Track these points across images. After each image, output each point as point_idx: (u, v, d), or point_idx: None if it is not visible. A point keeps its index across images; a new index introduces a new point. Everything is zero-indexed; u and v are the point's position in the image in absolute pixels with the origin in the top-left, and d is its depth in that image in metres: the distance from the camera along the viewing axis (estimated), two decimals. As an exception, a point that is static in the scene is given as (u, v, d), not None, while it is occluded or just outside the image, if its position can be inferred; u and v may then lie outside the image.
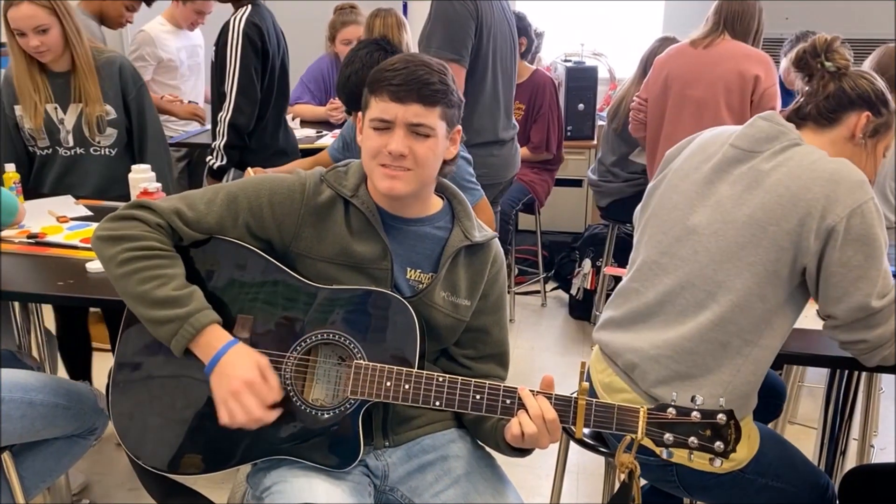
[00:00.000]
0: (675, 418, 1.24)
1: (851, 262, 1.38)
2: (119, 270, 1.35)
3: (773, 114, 1.53)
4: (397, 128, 1.33)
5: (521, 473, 2.56)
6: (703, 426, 1.23)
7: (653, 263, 1.58)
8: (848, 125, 1.50)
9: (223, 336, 1.33)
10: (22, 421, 1.63)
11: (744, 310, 1.45)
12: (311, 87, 3.91)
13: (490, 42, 2.69)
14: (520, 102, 3.75)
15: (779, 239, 1.41)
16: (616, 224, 3.61)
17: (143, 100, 2.51)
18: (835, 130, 1.50)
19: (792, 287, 1.46)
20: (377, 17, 3.52)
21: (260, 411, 1.30)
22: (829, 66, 1.50)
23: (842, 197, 1.38)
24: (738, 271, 1.44)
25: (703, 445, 1.23)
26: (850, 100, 1.49)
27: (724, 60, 2.74)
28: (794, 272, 1.44)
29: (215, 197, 1.42)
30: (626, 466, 1.31)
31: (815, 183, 1.39)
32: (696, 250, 1.50)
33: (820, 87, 1.51)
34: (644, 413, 1.25)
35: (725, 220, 1.47)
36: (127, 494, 2.44)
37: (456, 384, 1.31)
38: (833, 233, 1.38)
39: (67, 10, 2.32)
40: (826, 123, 1.51)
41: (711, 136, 1.62)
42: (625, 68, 4.41)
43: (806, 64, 1.53)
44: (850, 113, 1.49)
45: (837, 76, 1.50)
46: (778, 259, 1.42)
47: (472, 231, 1.47)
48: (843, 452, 1.87)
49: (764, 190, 1.44)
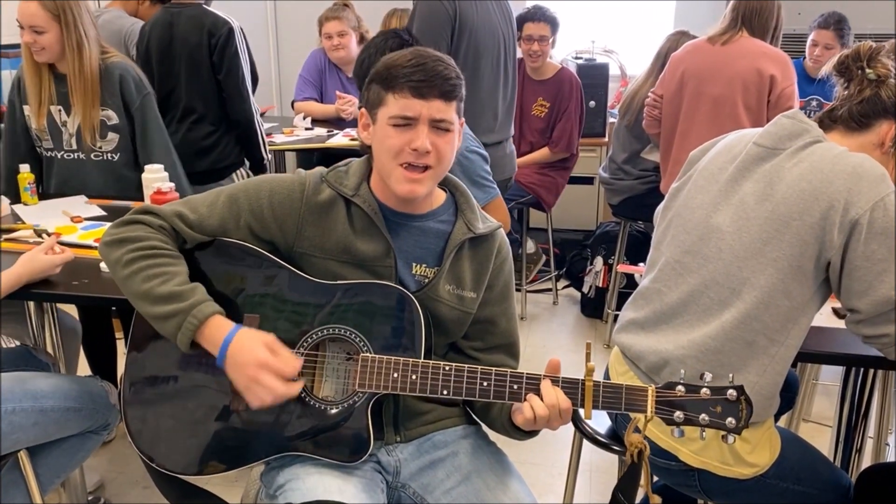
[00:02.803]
0: (684, 396, 1.23)
1: (875, 255, 1.37)
2: (124, 272, 1.36)
3: (796, 112, 1.52)
4: (420, 124, 1.33)
5: (534, 471, 2.56)
6: (714, 402, 1.22)
7: (676, 263, 1.57)
8: (878, 132, 1.48)
9: (226, 325, 1.33)
10: (35, 428, 1.66)
11: (769, 307, 1.44)
12: (312, 80, 3.90)
13: (476, 42, 2.68)
14: (543, 99, 3.74)
15: (802, 233, 1.40)
16: (628, 222, 3.59)
17: (147, 110, 2.46)
18: (864, 136, 1.49)
19: (817, 284, 1.45)
20: (393, 16, 3.54)
21: (283, 387, 1.30)
22: (869, 74, 1.48)
23: (864, 190, 1.37)
24: (763, 267, 1.43)
25: (715, 422, 1.21)
26: (884, 107, 1.46)
27: (743, 58, 2.72)
28: (818, 267, 1.43)
29: (217, 199, 1.43)
30: (635, 446, 1.31)
31: (838, 177, 1.39)
32: (720, 248, 1.49)
33: (855, 92, 1.49)
34: (652, 392, 1.24)
35: (748, 217, 1.46)
36: (141, 493, 2.46)
37: (462, 372, 1.31)
38: (857, 226, 1.37)
39: (75, 18, 2.28)
40: (856, 127, 1.49)
41: (736, 137, 1.62)
42: (636, 65, 4.39)
43: (846, 69, 1.51)
44: (882, 120, 1.47)
45: (876, 84, 1.47)
46: (802, 254, 1.41)
47: (475, 223, 1.46)
48: (859, 451, 1.86)
49: (786, 185, 1.43)
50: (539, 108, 3.75)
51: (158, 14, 2.98)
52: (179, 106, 2.96)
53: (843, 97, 1.51)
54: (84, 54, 2.32)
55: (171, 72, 2.92)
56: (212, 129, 2.98)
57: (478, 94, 2.77)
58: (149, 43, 2.93)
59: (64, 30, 2.28)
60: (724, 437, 1.22)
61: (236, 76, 2.90)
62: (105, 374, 2.61)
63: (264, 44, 4.98)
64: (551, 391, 1.28)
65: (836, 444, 1.88)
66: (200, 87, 2.93)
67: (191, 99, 2.95)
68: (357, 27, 3.79)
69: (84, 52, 2.32)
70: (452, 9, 2.60)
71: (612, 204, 3.62)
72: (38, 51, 2.30)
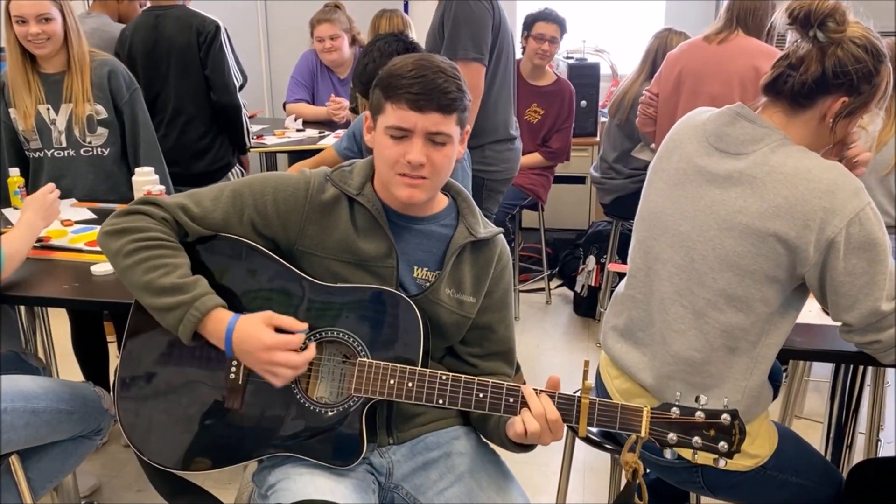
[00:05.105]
0: (678, 418, 1.24)
1: (856, 269, 1.37)
2: (125, 262, 1.36)
3: (751, 112, 1.48)
4: (416, 136, 1.33)
5: (527, 471, 2.56)
6: (707, 426, 1.23)
7: (648, 270, 1.57)
8: (822, 107, 1.44)
9: (226, 316, 1.34)
10: (26, 429, 1.65)
11: (748, 314, 1.44)
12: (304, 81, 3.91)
13: (504, 40, 2.74)
14: (538, 106, 3.75)
15: (777, 248, 1.40)
16: (619, 221, 3.60)
17: (136, 105, 2.49)
18: (807, 113, 1.45)
19: (792, 289, 1.45)
20: (383, 17, 3.54)
21: (298, 358, 1.31)
22: (819, 37, 1.41)
23: (839, 208, 1.35)
24: (740, 279, 1.43)
25: (707, 445, 1.22)
26: (827, 86, 1.42)
27: (740, 56, 2.71)
28: (793, 276, 1.43)
29: (221, 194, 1.43)
30: (630, 466, 1.31)
31: (812, 194, 1.37)
32: (692, 258, 1.48)
33: (802, 64, 1.42)
34: (648, 413, 1.25)
35: (720, 228, 1.45)
36: (135, 496, 2.45)
37: (459, 382, 1.31)
38: (833, 244, 1.36)
39: (70, 8, 2.34)
40: (799, 108, 1.46)
41: (684, 130, 1.57)
42: (627, 65, 4.39)
43: (799, 27, 1.44)
44: (826, 97, 1.43)
45: (825, 52, 1.41)
46: (777, 265, 1.41)
47: (476, 227, 1.47)
48: (850, 447, 1.87)
49: (759, 198, 1.41)
50: (532, 114, 3.76)
51: (141, 17, 2.99)
52: (168, 108, 2.96)
53: (791, 63, 1.44)
54: (83, 41, 2.38)
55: (159, 74, 2.92)
56: (204, 129, 2.98)
57: (509, 90, 2.85)
58: (132, 46, 2.93)
59: (66, 17, 2.32)
60: (715, 461, 1.23)
61: (222, 69, 2.93)
62: (97, 378, 2.61)
63: (255, 45, 4.97)
64: (537, 402, 1.27)
65: (827, 440, 1.89)
66: (191, 88, 2.93)
67: (180, 100, 2.95)
68: (348, 28, 3.79)
69: (83, 38, 2.38)
70: (490, 7, 2.65)
71: (603, 203, 3.63)
72: (44, 42, 2.30)
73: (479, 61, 2.62)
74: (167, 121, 2.98)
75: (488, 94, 2.74)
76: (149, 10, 2.99)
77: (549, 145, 3.79)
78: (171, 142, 2.95)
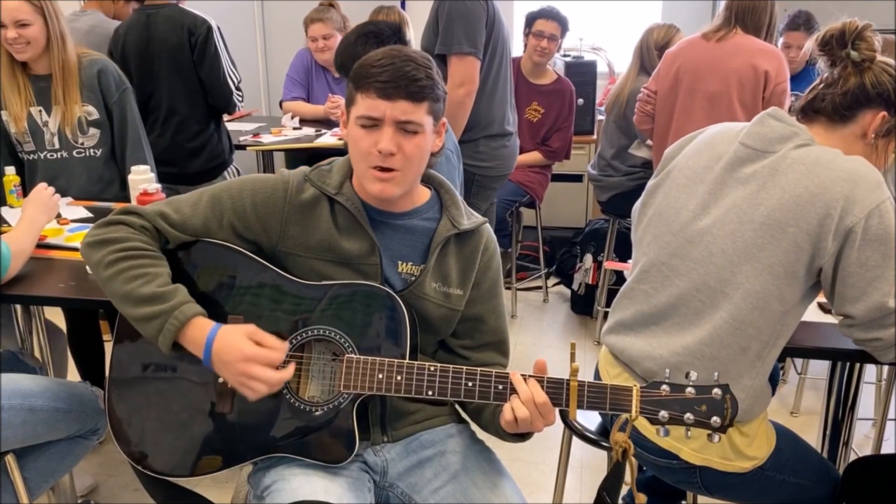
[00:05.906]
0: (669, 395, 1.23)
1: (869, 262, 1.37)
2: (105, 273, 1.35)
3: (783, 113, 1.49)
4: (386, 125, 1.32)
5: (524, 469, 2.56)
6: (699, 402, 1.21)
7: (662, 265, 1.56)
8: (862, 123, 1.46)
9: (207, 325, 1.32)
10: (23, 427, 1.64)
11: (763, 312, 1.44)
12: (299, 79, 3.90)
13: (499, 37, 2.76)
14: (539, 104, 3.75)
15: (798, 239, 1.39)
16: (617, 218, 3.60)
17: (125, 104, 2.48)
18: (847, 128, 1.46)
19: (808, 287, 1.45)
20: (380, 13, 3.53)
21: (274, 375, 1.29)
22: (853, 56, 1.44)
23: (860, 197, 1.36)
24: (757, 273, 1.43)
25: (700, 421, 1.21)
26: (868, 98, 1.44)
27: (738, 54, 2.71)
28: (810, 272, 1.42)
29: (200, 199, 1.42)
30: (620, 445, 1.31)
31: (834, 183, 1.37)
32: (710, 252, 1.48)
33: (840, 80, 1.45)
34: (637, 391, 1.24)
35: (741, 221, 1.45)
36: (132, 495, 2.45)
37: (448, 372, 1.31)
38: (851, 233, 1.36)
39: (55, 12, 2.31)
40: (839, 121, 1.46)
41: (718, 132, 1.59)
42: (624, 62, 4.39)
43: (830, 49, 1.47)
44: (865, 111, 1.45)
45: (861, 68, 1.44)
46: (797, 260, 1.40)
47: (459, 219, 1.46)
48: (847, 443, 1.87)
49: (780, 189, 1.41)
50: (532, 113, 3.76)
51: (133, 16, 2.97)
52: (162, 108, 2.95)
53: (826, 82, 1.48)
54: (68, 45, 2.35)
55: (151, 73, 2.91)
56: (199, 128, 2.97)
57: (505, 85, 2.87)
58: (125, 46, 2.92)
59: (48, 22, 2.29)
60: (709, 437, 1.22)
61: (218, 72, 2.92)
62: (94, 377, 2.61)
63: (251, 44, 4.96)
64: (525, 387, 1.26)
65: (823, 437, 1.89)
66: (183, 87, 2.92)
67: (173, 99, 2.94)
68: (343, 27, 3.78)
69: (68, 42, 2.35)
70: (485, 3, 2.68)
71: (600, 201, 3.63)
72: (23, 46, 2.28)
73: (474, 55, 2.65)
74: (161, 121, 2.97)
75: (482, 88, 2.76)
76: (141, 9, 2.97)
77: (549, 144, 3.79)
78: (166, 142, 2.95)
